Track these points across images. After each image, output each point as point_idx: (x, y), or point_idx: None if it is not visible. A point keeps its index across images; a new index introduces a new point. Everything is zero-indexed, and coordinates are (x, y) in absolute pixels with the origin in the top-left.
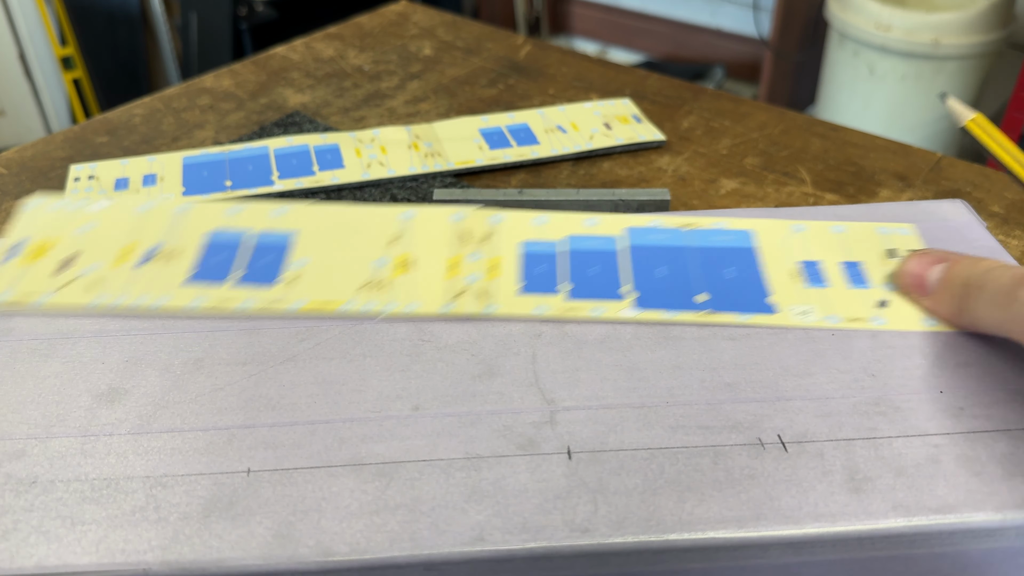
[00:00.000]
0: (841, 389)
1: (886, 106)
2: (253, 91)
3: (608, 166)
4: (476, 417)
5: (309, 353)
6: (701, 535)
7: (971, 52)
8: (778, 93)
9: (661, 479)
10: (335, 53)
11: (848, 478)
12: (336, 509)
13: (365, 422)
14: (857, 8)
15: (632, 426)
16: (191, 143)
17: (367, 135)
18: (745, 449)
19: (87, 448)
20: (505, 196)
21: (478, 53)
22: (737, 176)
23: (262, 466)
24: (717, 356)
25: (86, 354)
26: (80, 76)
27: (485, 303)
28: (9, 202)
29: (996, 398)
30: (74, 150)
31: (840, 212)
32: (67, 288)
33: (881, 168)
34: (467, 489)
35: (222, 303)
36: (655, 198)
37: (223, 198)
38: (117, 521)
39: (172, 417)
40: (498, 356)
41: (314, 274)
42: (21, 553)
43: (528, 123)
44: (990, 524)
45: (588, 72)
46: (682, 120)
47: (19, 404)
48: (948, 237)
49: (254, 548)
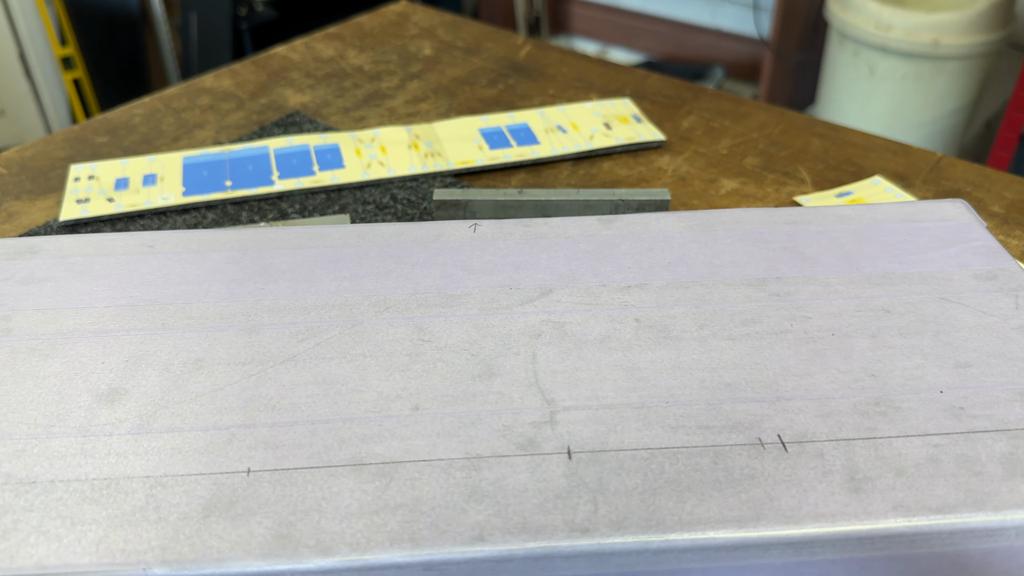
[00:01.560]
0: (841, 389)
1: (886, 106)
2: (253, 91)
3: (608, 166)
4: (476, 417)
5: (309, 353)
6: (701, 535)
7: (971, 52)
8: (778, 93)
9: (661, 479)
10: (335, 53)
11: (848, 478)
12: (336, 509)
13: (365, 422)
14: (857, 8)
15: (632, 426)
16: (191, 143)
17: (367, 135)
18: (745, 449)
19: (87, 448)
20: (505, 196)
21: (478, 53)
22: (737, 176)
23: (262, 466)
24: (717, 356)
25: (86, 354)
26: (80, 76)
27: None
28: (9, 202)
29: (996, 398)
30: (74, 150)
31: (840, 212)
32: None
33: (881, 168)
34: (467, 489)
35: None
36: (655, 198)
37: (223, 198)
38: (117, 521)
39: (172, 417)
40: (498, 356)
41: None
42: (21, 553)
43: (528, 123)
44: (990, 524)
45: (588, 72)
46: (682, 120)
47: (19, 404)
48: (948, 237)
49: (254, 548)
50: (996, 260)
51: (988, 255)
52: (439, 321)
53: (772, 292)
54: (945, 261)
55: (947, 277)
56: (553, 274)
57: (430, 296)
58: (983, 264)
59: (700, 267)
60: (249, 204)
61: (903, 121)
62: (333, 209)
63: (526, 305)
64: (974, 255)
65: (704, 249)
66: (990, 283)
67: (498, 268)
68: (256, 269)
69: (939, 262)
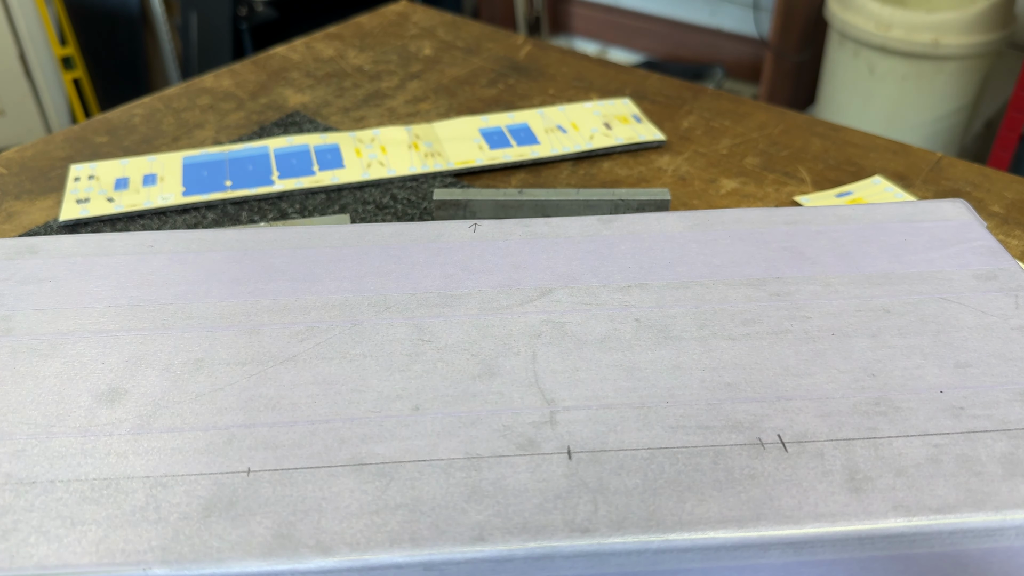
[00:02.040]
0: (841, 389)
1: (886, 106)
2: (253, 91)
3: (608, 166)
4: (476, 417)
5: (309, 353)
6: (701, 535)
7: (971, 52)
8: (778, 93)
9: (661, 479)
10: (335, 53)
11: (848, 478)
12: (336, 509)
13: (365, 422)
14: (857, 8)
15: (632, 426)
16: (191, 143)
17: (367, 135)
18: (745, 449)
19: (87, 448)
20: (505, 196)
21: (478, 53)
22: (737, 176)
23: (262, 466)
24: (717, 356)
25: (86, 354)
26: (80, 76)
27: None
28: (9, 202)
29: (996, 398)
30: (74, 150)
31: (840, 212)
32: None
33: (881, 168)
34: (467, 489)
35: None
36: (655, 198)
37: (223, 198)
38: (117, 521)
39: (172, 417)
40: (498, 356)
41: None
42: (21, 553)
43: (528, 123)
44: (990, 524)
45: (588, 72)
46: (682, 120)
47: (19, 404)
48: (948, 237)
49: (254, 548)
50: (996, 260)
51: (988, 255)
52: (439, 321)
53: (772, 292)
54: (945, 261)
55: (947, 277)
56: (553, 274)
57: (430, 296)
58: (983, 264)
59: (700, 267)
60: (249, 204)
61: (903, 121)
62: (333, 209)
63: (526, 305)
64: (974, 255)
65: (704, 249)
66: (990, 283)
67: (498, 268)
68: (256, 269)
69: (939, 262)
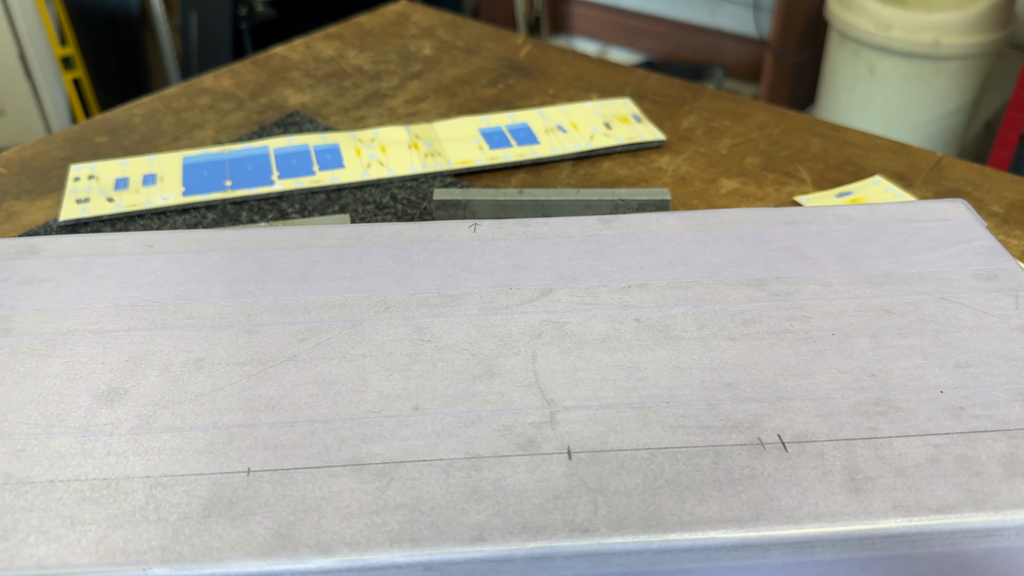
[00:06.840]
0: (841, 389)
1: (886, 106)
2: (253, 91)
3: (608, 166)
4: (476, 417)
5: (309, 353)
6: (701, 535)
7: (971, 52)
8: (778, 93)
9: (661, 479)
10: (335, 53)
11: (848, 478)
12: (336, 509)
13: (365, 422)
14: (857, 8)
15: (632, 426)
16: (191, 143)
17: (367, 135)
18: (745, 449)
19: (87, 448)
20: (505, 196)
21: (478, 53)
22: (737, 176)
23: (262, 466)
24: (717, 356)
25: (86, 354)
26: (80, 76)
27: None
28: (9, 202)
29: (996, 398)
30: (74, 150)
31: (840, 212)
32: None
33: (881, 168)
34: (467, 489)
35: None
36: (655, 198)
37: (223, 198)
38: (117, 521)
39: (172, 417)
40: (498, 356)
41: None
42: (21, 553)
43: (528, 123)
44: (990, 524)
45: (588, 72)
46: (682, 120)
47: (19, 404)
48: (948, 237)
49: (254, 548)
50: (996, 260)
51: (988, 255)
52: (439, 321)
53: (772, 292)
54: (945, 261)
55: (947, 277)
56: (553, 274)
57: (430, 296)
58: (983, 264)
59: (700, 267)
60: (249, 204)
61: (903, 121)
62: (333, 209)
63: (526, 305)
64: (974, 255)
65: (704, 249)
66: (990, 283)
67: (498, 268)
68: (256, 269)
69: (939, 262)
